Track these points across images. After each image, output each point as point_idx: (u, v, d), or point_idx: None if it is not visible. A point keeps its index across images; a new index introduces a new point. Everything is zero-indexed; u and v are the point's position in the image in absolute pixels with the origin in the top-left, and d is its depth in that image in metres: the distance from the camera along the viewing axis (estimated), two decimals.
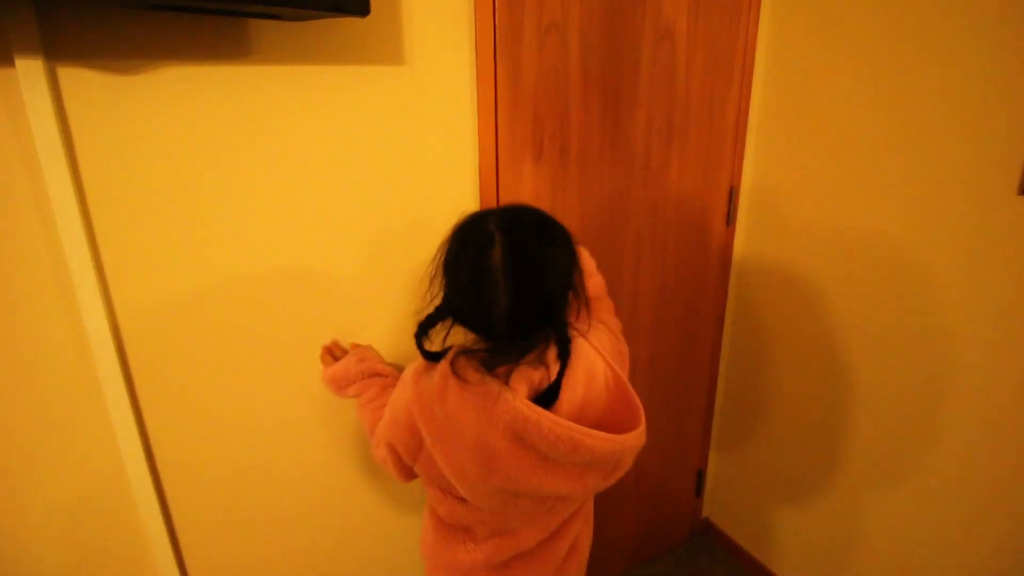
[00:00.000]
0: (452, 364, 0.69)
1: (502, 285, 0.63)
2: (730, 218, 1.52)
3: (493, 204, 1.22)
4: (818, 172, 1.33)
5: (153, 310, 0.91)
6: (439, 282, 0.70)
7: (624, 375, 0.73)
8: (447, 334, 0.72)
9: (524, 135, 1.20)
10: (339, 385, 0.99)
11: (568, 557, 0.87)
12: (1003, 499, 1.10)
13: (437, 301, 0.72)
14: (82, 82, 0.78)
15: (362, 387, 0.97)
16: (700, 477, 1.76)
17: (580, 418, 0.67)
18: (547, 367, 0.70)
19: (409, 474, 0.82)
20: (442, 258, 0.69)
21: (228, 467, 1.04)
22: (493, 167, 1.18)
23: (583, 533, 0.89)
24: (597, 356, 0.72)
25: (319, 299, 1.05)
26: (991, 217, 1.04)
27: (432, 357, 0.72)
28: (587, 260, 1.01)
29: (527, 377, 0.68)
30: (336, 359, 1.01)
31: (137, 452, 0.94)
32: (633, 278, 1.42)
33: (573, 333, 0.72)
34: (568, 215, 1.30)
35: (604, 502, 1.58)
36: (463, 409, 0.67)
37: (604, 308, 0.94)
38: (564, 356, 0.69)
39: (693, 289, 1.53)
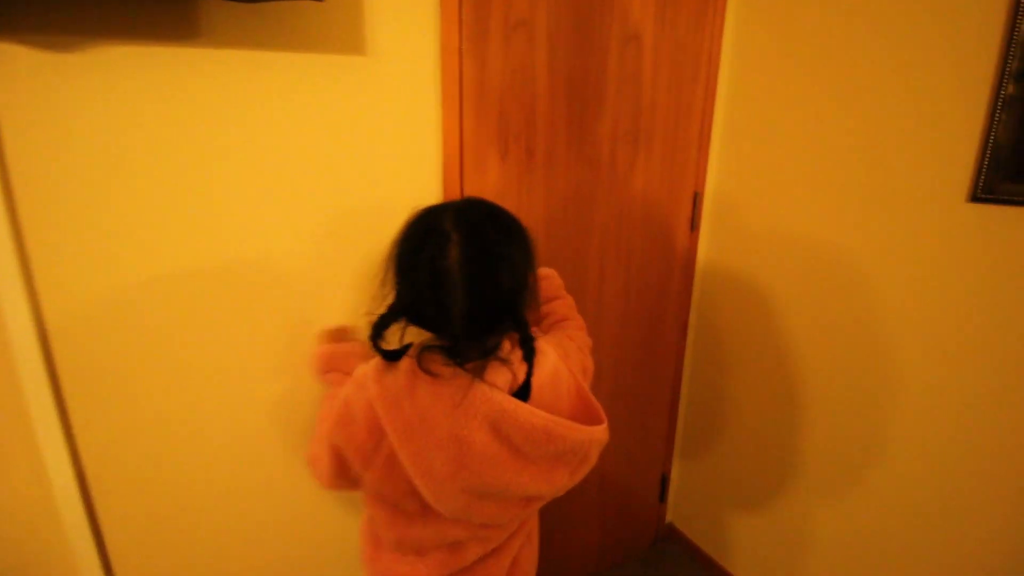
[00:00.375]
0: (419, 360, 0.67)
1: (460, 285, 0.61)
2: (694, 224, 1.53)
3: None
4: (777, 180, 1.36)
5: (85, 308, 0.85)
6: (391, 281, 0.68)
7: (586, 387, 0.73)
8: (403, 334, 0.69)
9: (489, 133, 1.18)
10: (326, 365, 0.96)
11: (509, 574, 0.85)
12: (950, 503, 1.13)
13: (389, 300, 0.69)
14: (11, 58, 0.73)
15: (342, 378, 0.92)
16: (664, 482, 1.77)
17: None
18: (512, 367, 0.69)
19: (342, 480, 0.76)
20: (395, 257, 0.67)
21: (166, 477, 0.98)
22: (457, 166, 1.16)
23: (525, 550, 0.88)
24: (561, 363, 0.73)
25: (267, 296, 1.00)
26: (942, 224, 1.08)
27: (391, 356, 0.70)
28: (555, 280, 1.03)
29: (496, 375, 0.67)
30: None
31: (64, 463, 0.87)
32: (598, 283, 1.42)
33: (536, 335, 0.70)
34: (533, 217, 1.29)
35: (567, 508, 1.56)
36: (436, 403, 0.65)
37: (574, 326, 0.94)
38: (530, 356, 0.68)
39: (657, 294, 1.54)
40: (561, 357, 0.73)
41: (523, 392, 0.67)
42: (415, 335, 0.70)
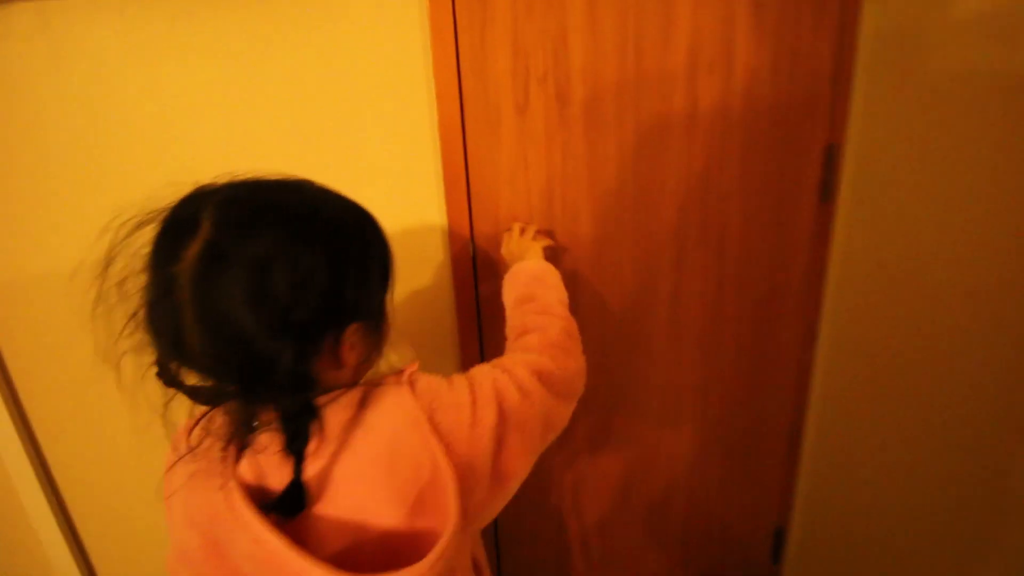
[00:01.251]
0: (203, 416, 0.46)
1: (188, 307, 0.38)
2: (827, 191, 1.04)
3: (461, 178, 0.90)
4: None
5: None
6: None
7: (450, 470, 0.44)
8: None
9: (500, 77, 0.86)
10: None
11: None
12: None
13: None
14: None
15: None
16: (779, 537, 1.33)
17: (358, 532, 0.43)
18: (264, 458, 0.45)
19: None
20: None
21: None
22: (458, 124, 0.87)
23: None
24: (413, 430, 0.44)
25: None
26: None
27: (201, 396, 0.46)
28: (542, 298, 0.68)
29: (262, 458, 0.44)
30: None
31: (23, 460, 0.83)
32: (674, 278, 1.03)
33: (388, 387, 0.46)
34: (573, 190, 0.94)
35: (650, 563, 1.23)
36: (182, 489, 0.46)
37: (521, 346, 0.61)
38: (298, 444, 0.42)
39: (767, 293, 1.09)
40: (414, 419, 0.45)
41: (294, 492, 0.42)
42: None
